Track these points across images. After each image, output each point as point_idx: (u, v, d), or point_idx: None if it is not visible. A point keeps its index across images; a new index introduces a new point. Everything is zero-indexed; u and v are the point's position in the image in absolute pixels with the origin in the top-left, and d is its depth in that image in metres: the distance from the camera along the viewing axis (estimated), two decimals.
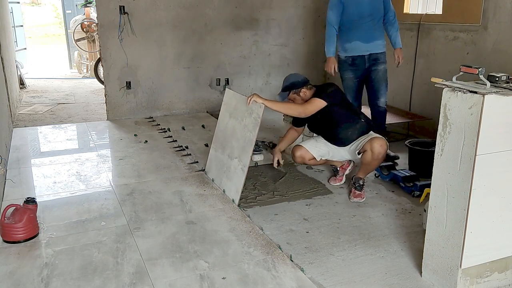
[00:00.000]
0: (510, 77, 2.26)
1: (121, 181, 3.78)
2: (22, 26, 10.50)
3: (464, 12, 4.48)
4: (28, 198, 2.93)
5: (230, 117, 3.63)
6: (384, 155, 3.35)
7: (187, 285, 2.38)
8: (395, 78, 5.39)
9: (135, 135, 5.07)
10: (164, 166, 4.11)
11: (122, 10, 5.43)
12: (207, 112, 6.15)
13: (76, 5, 10.61)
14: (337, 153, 3.62)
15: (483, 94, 2.01)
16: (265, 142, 4.49)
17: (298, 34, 6.48)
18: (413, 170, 3.80)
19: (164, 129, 5.30)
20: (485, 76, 2.18)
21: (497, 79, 2.19)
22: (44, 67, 10.84)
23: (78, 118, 5.99)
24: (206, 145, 4.63)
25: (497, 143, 2.12)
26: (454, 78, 2.28)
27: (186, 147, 4.63)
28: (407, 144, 3.97)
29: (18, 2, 10.60)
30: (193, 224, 3.04)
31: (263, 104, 3.22)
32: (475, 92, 2.05)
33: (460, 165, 2.15)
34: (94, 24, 8.81)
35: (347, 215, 3.20)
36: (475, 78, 2.23)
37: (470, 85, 2.18)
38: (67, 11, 11.02)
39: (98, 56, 7.34)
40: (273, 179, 3.81)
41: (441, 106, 2.21)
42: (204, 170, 3.97)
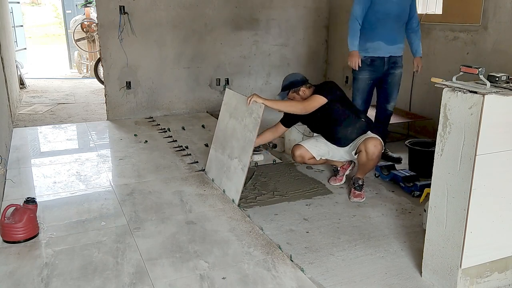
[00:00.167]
0: (510, 77, 2.26)
1: (121, 181, 3.78)
2: (22, 26, 10.50)
3: (464, 12, 4.48)
4: (28, 198, 2.93)
5: (230, 117, 3.63)
6: (378, 155, 3.35)
7: (187, 285, 2.38)
8: None
9: (135, 135, 5.07)
10: (164, 166, 4.11)
11: (122, 10, 5.43)
12: (207, 112, 6.15)
13: (76, 5, 10.62)
14: (337, 153, 3.62)
15: (483, 94, 2.01)
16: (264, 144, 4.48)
17: (298, 34, 6.48)
18: (413, 170, 3.80)
19: (164, 129, 5.30)
20: (485, 76, 2.18)
21: (497, 79, 2.19)
22: (44, 67, 10.84)
23: (78, 118, 5.99)
24: (206, 145, 4.63)
25: (497, 143, 2.12)
26: (454, 78, 2.28)
27: (186, 147, 4.63)
28: (407, 144, 3.97)
29: (18, 2, 10.60)
30: (193, 224, 3.04)
31: (263, 104, 3.22)
32: (475, 92, 2.05)
33: (460, 165, 2.15)
34: (94, 24, 8.81)
35: (347, 215, 3.20)
36: (475, 78, 2.23)
37: (470, 85, 2.18)
38: (67, 11, 11.02)
39: (98, 56, 7.35)
40: (272, 179, 3.82)
41: (441, 106, 2.21)
42: (204, 170, 3.97)
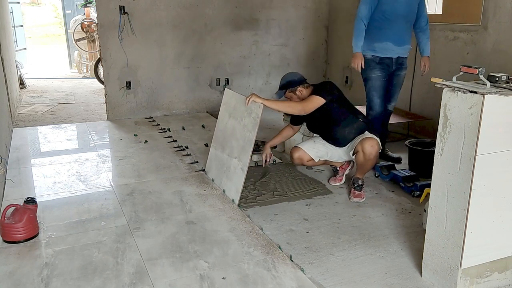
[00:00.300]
0: (510, 77, 2.26)
1: (121, 181, 3.78)
2: (22, 26, 10.50)
3: (464, 12, 4.48)
4: (28, 198, 2.93)
5: (230, 117, 3.63)
6: (376, 155, 3.35)
7: (187, 285, 2.38)
8: None
9: (135, 135, 5.07)
10: (164, 166, 4.11)
11: (122, 10, 5.43)
12: (207, 112, 6.15)
13: (76, 5, 10.62)
14: (335, 153, 3.62)
15: (483, 94, 2.01)
16: (265, 142, 4.48)
17: (298, 34, 6.48)
18: (413, 170, 3.80)
19: (164, 129, 5.30)
20: (485, 76, 2.18)
21: (497, 79, 2.19)
22: (44, 67, 10.84)
23: (78, 118, 5.99)
24: (206, 145, 4.63)
25: (497, 143, 2.12)
26: (454, 78, 2.28)
27: (186, 147, 4.63)
28: (407, 144, 3.97)
29: (18, 2, 10.60)
30: (193, 224, 3.04)
31: (262, 104, 3.22)
32: (475, 92, 2.05)
33: (460, 165, 2.15)
34: (94, 24, 8.81)
35: (347, 215, 3.20)
36: (475, 78, 2.23)
37: (470, 85, 2.18)
38: (67, 11, 11.02)
39: (98, 56, 7.35)
40: (272, 179, 3.82)
41: (441, 106, 2.21)
42: (204, 170, 3.97)
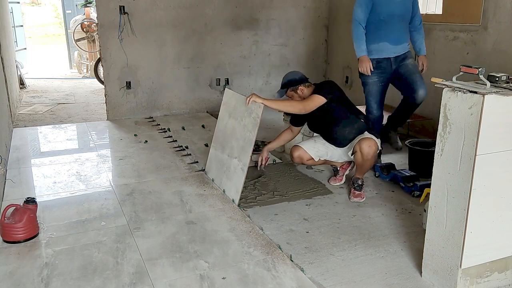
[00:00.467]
0: (510, 77, 2.26)
1: (121, 181, 3.78)
2: (22, 26, 10.50)
3: (464, 12, 4.48)
4: (28, 198, 2.93)
5: (230, 117, 3.63)
6: (374, 155, 3.34)
7: (187, 285, 2.38)
8: None
9: (135, 135, 5.07)
10: (164, 166, 4.11)
11: (122, 10, 5.43)
12: (207, 112, 6.15)
13: (76, 5, 10.62)
14: (335, 153, 3.62)
15: (483, 94, 2.01)
16: (265, 142, 4.47)
17: (298, 34, 6.48)
18: (413, 170, 3.80)
19: (164, 129, 5.30)
20: (485, 76, 2.18)
21: (497, 79, 2.19)
22: (44, 67, 10.84)
23: (78, 118, 5.99)
24: (206, 145, 4.63)
25: (497, 143, 2.12)
26: (454, 78, 2.28)
27: (186, 147, 4.63)
28: (407, 144, 3.97)
29: (18, 2, 10.60)
30: (193, 224, 3.04)
31: (263, 104, 3.22)
32: (475, 92, 2.05)
33: (460, 165, 2.15)
34: (94, 24, 8.82)
35: (347, 215, 3.20)
36: (475, 78, 2.23)
37: (470, 85, 2.18)
38: (67, 11, 11.03)
39: (98, 56, 7.35)
40: (272, 179, 3.82)
41: (441, 106, 2.21)
42: (204, 170, 3.97)
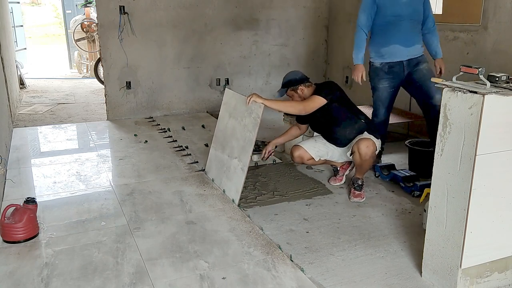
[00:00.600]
0: (510, 77, 2.26)
1: (121, 181, 3.78)
2: (22, 26, 10.50)
3: (464, 12, 4.48)
4: (28, 198, 2.93)
5: (230, 117, 3.63)
6: (372, 155, 3.33)
7: (187, 285, 2.38)
8: None
9: (135, 135, 5.07)
10: (164, 166, 4.11)
11: (122, 10, 5.43)
12: (207, 112, 6.15)
13: (76, 5, 10.62)
14: (336, 153, 3.62)
15: (483, 94, 2.01)
16: (265, 142, 4.47)
17: (298, 34, 6.48)
18: (413, 170, 3.80)
19: (164, 129, 5.30)
20: (485, 76, 2.18)
21: (497, 79, 2.19)
22: (44, 67, 10.84)
23: (78, 118, 5.99)
24: (206, 145, 4.63)
25: (497, 143, 2.12)
26: (454, 78, 2.28)
27: (186, 147, 4.63)
28: (407, 144, 3.97)
29: (18, 2, 10.60)
30: (193, 224, 3.04)
31: (263, 104, 3.22)
32: (475, 92, 2.05)
33: (460, 165, 2.15)
34: (94, 24, 8.81)
35: (347, 215, 3.20)
36: (475, 78, 2.23)
37: (470, 85, 2.18)
38: (67, 11, 11.02)
39: (98, 56, 7.35)
40: (272, 179, 3.82)
41: (441, 106, 2.21)
42: (204, 170, 3.97)
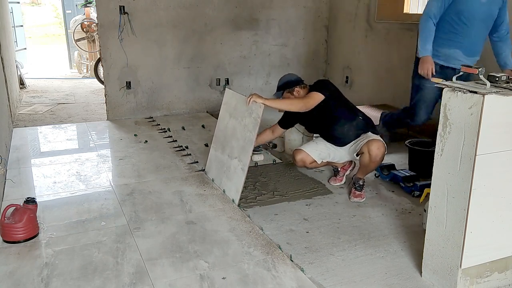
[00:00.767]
0: (510, 77, 2.26)
1: (121, 181, 3.78)
2: (22, 26, 10.49)
3: None
4: (28, 198, 2.93)
5: (230, 117, 3.63)
6: (382, 157, 3.34)
7: (187, 285, 2.38)
8: (395, 78, 5.40)
9: (135, 135, 5.07)
10: (164, 166, 4.11)
11: (122, 10, 5.43)
12: (207, 112, 6.15)
13: (76, 5, 10.62)
14: (337, 154, 3.61)
15: (483, 94, 2.01)
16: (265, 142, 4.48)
17: (298, 34, 6.48)
18: (413, 170, 3.80)
19: (164, 129, 5.30)
20: (485, 76, 2.18)
21: (497, 79, 2.19)
22: (44, 67, 10.83)
23: (78, 118, 5.99)
24: (206, 145, 4.63)
25: (497, 143, 2.12)
26: (454, 78, 2.28)
27: (186, 147, 4.63)
28: (407, 144, 3.97)
29: (18, 2, 10.60)
30: (193, 224, 3.04)
31: (263, 104, 3.22)
32: (475, 92, 2.05)
33: (460, 165, 2.15)
34: (94, 24, 8.81)
35: (347, 215, 3.20)
36: (475, 78, 2.23)
37: (470, 85, 2.18)
38: (67, 11, 11.02)
39: (98, 56, 7.35)
40: (272, 179, 3.82)
41: (441, 106, 2.21)
42: (204, 170, 3.97)
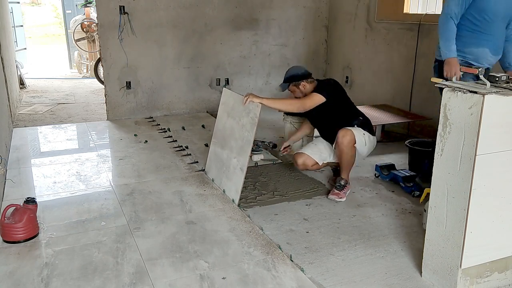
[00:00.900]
0: (510, 77, 2.26)
1: (121, 181, 3.78)
2: (22, 26, 10.50)
3: None
4: (28, 198, 2.93)
5: (228, 116, 3.63)
6: (348, 146, 3.27)
7: (187, 285, 2.38)
8: (395, 78, 5.40)
9: (135, 135, 5.07)
10: (164, 166, 4.11)
11: (122, 10, 5.43)
12: (207, 112, 6.15)
13: (76, 5, 10.62)
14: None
15: (483, 94, 2.01)
16: (265, 142, 4.49)
17: (298, 34, 6.48)
18: (413, 170, 3.80)
19: (164, 129, 5.30)
20: (485, 76, 2.18)
21: (497, 79, 2.19)
22: (44, 67, 10.84)
23: (78, 118, 5.99)
24: (206, 145, 4.63)
25: (497, 143, 2.12)
26: (454, 78, 2.28)
27: (186, 147, 4.63)
28: (407, 144, 3.97)
29: (18, 2, 10.60)
30: (193, 224, 3.04)
31: (260, 103, 3.21)
32: (475, 92, 2.05)
33: (460, 165, 2.15)
34: (94, 24, 8.82)
35: (347, 215, 3.20)
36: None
37: (470, 85, 2.18)
38: (67, 11, 11.02)
39: (98, 56, 7.35)
40: (272, 179, 3.82)
41: (441, 106, 2.21)
42: (204, 170, 3.97)
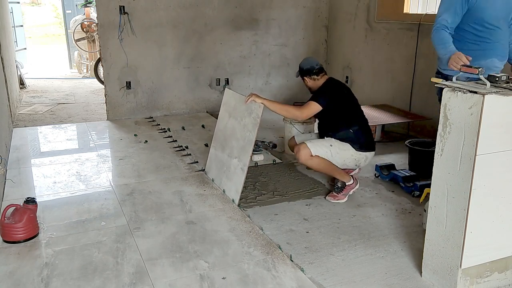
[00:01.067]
0: (510, 77, 2.26)
1: (121, 181, 3.78)
2: (22, 26, 10.50)
3: None
4: (28, 198, 2.93)
5: (230, 117, 3.63)
6: (306, 160, 3.27)
7: (187, 285, 2.38)
8: (395, 78, 5.40)
9: (135, 135, 5.07)
10: (164, 166, 4.11)
11: (122, 10, 5.43)
12: (207, 112, 6.15)
13: (76, 5, 10.62)
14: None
15: (483, 94, 2.01)
16: (265, 142, 4.49)
17: (298, 34, 6.48)
18: (413, 170, 3.80)
19: (164, 129, 5.30)
20: (485, 76, 2.18)
21: (497, 79, 2.19)
22: (44, 67, 10.84)
23: (78, 118, 5.99)
24: (206, 145, 4.63)
25: (497, 143, 2.12)
26: (454, 78, 2.28)
27: (186, 147, 4.63)
28: (407, 144, 3.97)
29: (18, 2, 10.60)
30: (193, 224, 3.04)
31: (263, 104, 3.22)
32: (475, 92, 2.05)
33: (460, 165, 2.15)
34: (94, 24, 8.82)
35: (347, 215, 3.20)
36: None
37: (470, 85, 2.18)
38: (67, 11, 11.02)
39: (98, 56, 7.35)
40: (272, 179, 3.82)
41: (441, 106, 2.21)
42: (204, 170, 3.97)
